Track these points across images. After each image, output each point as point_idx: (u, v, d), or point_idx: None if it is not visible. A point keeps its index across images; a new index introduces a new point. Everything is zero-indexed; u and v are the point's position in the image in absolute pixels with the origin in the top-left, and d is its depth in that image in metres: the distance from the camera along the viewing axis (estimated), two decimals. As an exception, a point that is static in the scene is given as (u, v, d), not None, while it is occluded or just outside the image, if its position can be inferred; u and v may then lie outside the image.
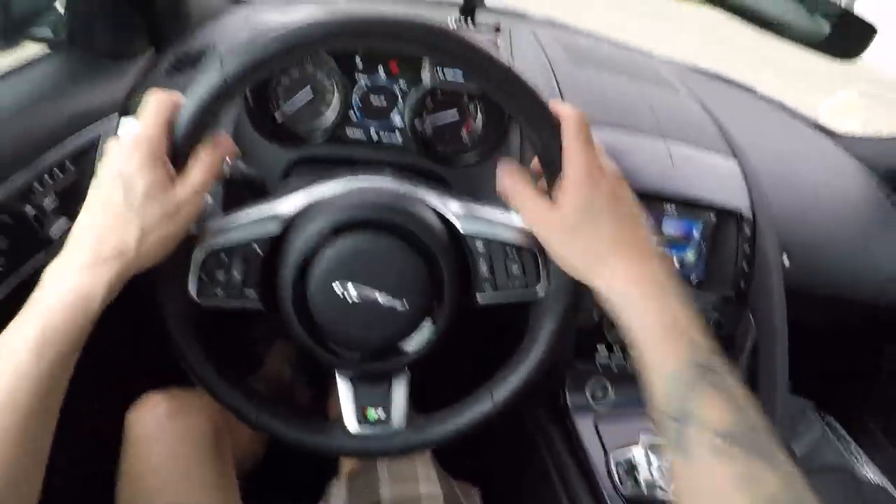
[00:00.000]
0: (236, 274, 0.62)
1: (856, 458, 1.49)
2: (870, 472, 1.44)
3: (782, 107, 1.55)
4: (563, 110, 0.59)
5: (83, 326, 0.53)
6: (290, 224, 0.63)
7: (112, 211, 0.55)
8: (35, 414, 0.51)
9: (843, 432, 1.54)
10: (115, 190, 0.55)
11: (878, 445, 1.50)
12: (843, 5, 0.94)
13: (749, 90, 1.55)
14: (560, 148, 0.58)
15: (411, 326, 0.64)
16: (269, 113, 0.89)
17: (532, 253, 0.64)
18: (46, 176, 0.82)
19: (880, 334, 1.46)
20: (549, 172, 0.60)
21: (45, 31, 0.98)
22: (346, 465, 0.91)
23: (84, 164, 0.86)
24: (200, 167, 0.58)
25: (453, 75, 0.86)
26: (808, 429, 1.58)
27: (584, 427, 0.91)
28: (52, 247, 0.82)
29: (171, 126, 0.57)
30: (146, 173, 0.55)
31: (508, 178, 0.61)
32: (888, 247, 1.24)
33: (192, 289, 0.61)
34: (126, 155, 0.56)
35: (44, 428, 0.53)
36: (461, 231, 0.64)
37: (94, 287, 0.54)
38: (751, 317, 0.99)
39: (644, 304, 0.54)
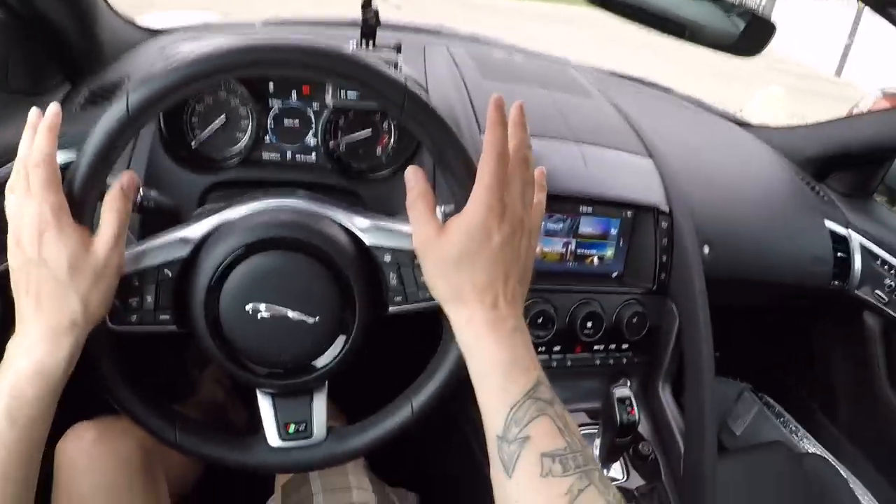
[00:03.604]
0: (148, 298, 0.63)
1: (794, 433, 1.54)
2: (809, 446, 1.49)
3: (700, 104, 1.61)
4: (488, 141, 0.58)
5: (52, 395, 0.57)
6: (200, 246, 0.64)
7: (45, 296, 0.57)
8: (13, 473, 0.55)
9: (781, 410, 1.60)
10: (35, 276, 0.56)
11: (817, 421, 1.55)
12: (761, 7, 0.99)
13: (665, 90, 1.60)
14: (467, 171, 0.61)
15: (325, 341, 0.66)
16: (184, 140, 0.90)
17: None
18: None
19: (809, 315, 1.51)
20: (455, 200, 0.62)
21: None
22: (281, 480, 0.92)
23: (1, 201, 0.85)
24: (112, 216, 0.59)
25: (354, 95, 0.88)
26: (746, 409, 1.63)
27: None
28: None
29: (72, 171, 0.58)
30: (60, 248, 0.56)
31: (411, 190, 0.62)
32: (810, 231, 1.29)
33: (106, 315, 0.62)
34: (32, 236, 0.56)
35: (23, 484, 0.57)
36: (367, 244, 0.66)
37: (57, 361, 0.57)
38: (674, 307, 1.03)
39: (492, 348, 0.58)
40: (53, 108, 0.60)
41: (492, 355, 0.58)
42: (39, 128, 0.59)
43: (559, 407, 0.57)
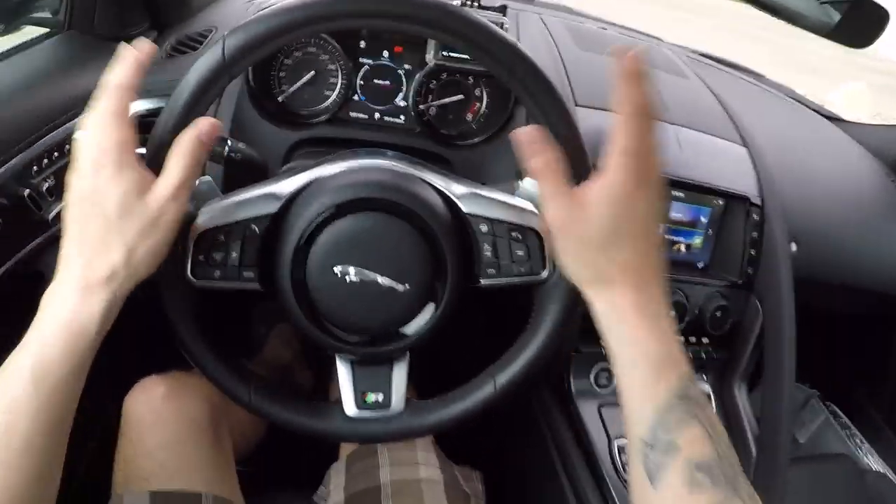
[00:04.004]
0: (234, 254, 0.61)
1: (858, 447, 1.48)
2: (872, 461, 1.44)
3: (791, 94, 1.54)
4: (626, 97, 0.52)
5: (82, 355, 0.52)
6: (290, 203, 0.62)
7: (90, 236, 0.52)
8: (38, 442, 0.50)
9: (847, 421, 1.53)
10: (87, 212, 0.52)
11: (882, 435, 1.49)
12: None
13: (758, 77, 1.54)
14: (575, 146, 0.57)
15: (413, 310, 0.63)
16: (271, 94, 0.88)
17: (537, 235, 0.62)
18: (45, 158, 0.81)
19: (887, 324, 1.45)
20: (576, 174, 0.58)
21: (45, 14, 0.98)
22: (346, 449, 0.90)
23: None
24: (178, 161, 0.54)
25: (458, 54, 0.85)
26: (812, 417, 1.57)
27: (588, 412, 0.91)
28: (49, 229, 0.82)
29: (160, 116, 0.55)
30: (114, 186, 0.52)
31: (541, 157, 0.55)
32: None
33: (188, 269, 0.60)
34: (89, 168, 0.52)
35: (50, 453, 0.52)
36: (464, 212, 0.63)
37: (90, 316, 0.52)
38: (758, 303, 0.99)
39: (640, 335, 0.53)
40: (146, 44, 0.55)
41: (641, 345, 0.53)
42: (125, 55, 0.54)
43: (708, 408, 0.52)
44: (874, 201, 1.28)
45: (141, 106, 0.86)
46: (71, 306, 0.51)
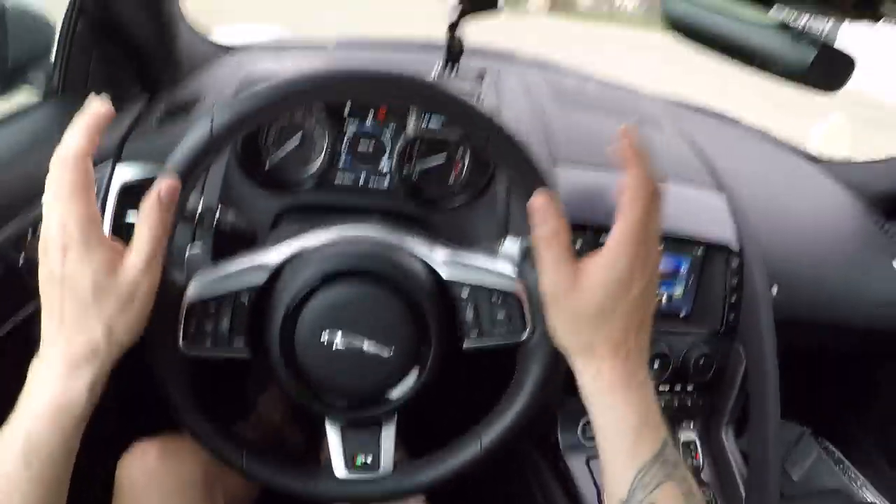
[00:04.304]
0: (224, 324, 0.62)
1: (853, 481, 1.48)
2: (869, 495, 1.44)
3: (767, 136, 1.57)
4: (631, 179, 0.53)
5: (71, 429, 0.52)
6: (277, 274, 0.64)
7: (68, 316, 0.51)
8: None
9: (841, 456, 1.54)
10: (60, 294, 0.51)
11: (878, 469, 1.49)
12: (825, 35, 0.96)
13: (734, 121, 1.57)
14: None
15: (399, 374, 0.65)
16: (259, 160, 0.91)
17: (517, 299, 0.64)
18: (39, 225, 0.82)
19: (874, 359, 1.46)
20: None
21: (39, 80, 1.00)
22: (338, 507, 0.91)
23: None
24: (144, 231, 0.53)
25: (436, 124, 0.88)
26: (805, 454, 1.57)
27: (577, 465, 0.91)
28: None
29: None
30: (84, 268, 0.50)
31: (543, 225, 0.57)
32: (878, 271, 1.24)
33: (180, 339, 0.62)
34: (55, 251, 0.50)
35: None
36: (445, 279, 0.65)
37: (76, 393, 0.52)
38: (740, 349, 1.00)
39: (624, 405, 0.55)
40: (101, 104, 0.53)
41: (622, 413, 0.55)
42: (78, 120, 0.52)
43: (682, 468, 0.54)
44: (854, 239, 1.30)
45: (130, 173, 0.88)
46: (57, 383, 0.51)
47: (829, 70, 1.00)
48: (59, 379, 0.52)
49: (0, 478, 0.50)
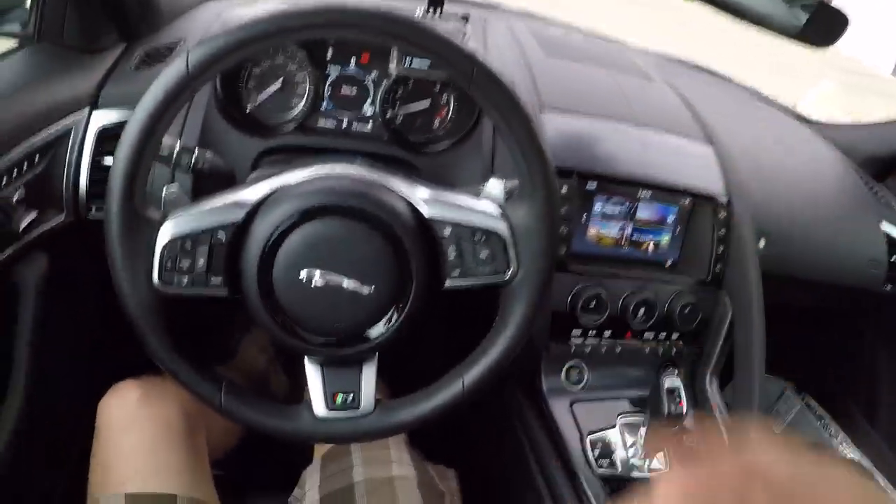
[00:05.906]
0: (201, 261, 0.62)
1: (833, 436, 1.50)
2: (848, 450, 1.46)
3: (758, 95, 1.56)
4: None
5: None
6: (255, 211, 0.63)
7: None
8: None
9: (822, 412, 1.56)
10: None
11: (858, 425, 1.51)
12: None
13: (725, 79, 1.56)
14: (537, 150, 0.60)
15: (379, 312, 0.64)
16: (239, 103, 0.89)
17: (501, 238, 0.64)
18: (15, 169, 0.81)
19: (860, 317, 1.47)
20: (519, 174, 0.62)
21: (14, 26, 0.98)
22: (320, 450, 0.91)
23: (53, 156, 0.86)
24: None
25: (419, 64, 0.86)
26: (787, 408, 1.59)
27: (560, 409, 0.92)
28: (20, 241, 0.82)
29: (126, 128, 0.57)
30: None
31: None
32: (866, 231, 1.25)
33: (155, 276, 0.61)
34: None
35: None
36: (427, 216, 0.64)
37: None
38: (727, 300, 1.00)
39: None
40: None
41: None
42: None
43: None
44: (842, 198, 1.31)
45: (107, 117, 0.87)
46: None
47: (823, 27, 0.99)
48: None
49: None
